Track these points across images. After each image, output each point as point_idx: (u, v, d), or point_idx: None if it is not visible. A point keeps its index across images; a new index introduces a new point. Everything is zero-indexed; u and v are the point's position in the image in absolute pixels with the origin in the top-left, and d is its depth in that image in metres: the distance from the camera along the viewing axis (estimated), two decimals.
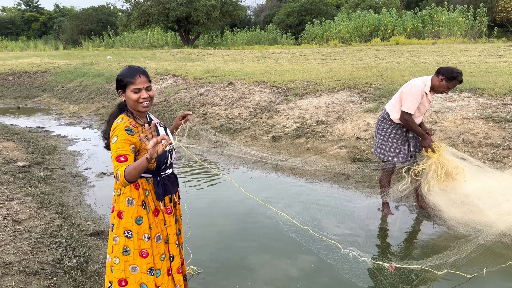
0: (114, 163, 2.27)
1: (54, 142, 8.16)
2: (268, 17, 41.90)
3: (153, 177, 2.48)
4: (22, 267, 3.20)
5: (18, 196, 4.74)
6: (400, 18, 24.63)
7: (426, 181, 4.06)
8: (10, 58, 21.96)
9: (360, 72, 10.23)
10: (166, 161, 2.50)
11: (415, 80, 4.16)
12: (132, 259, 2.41)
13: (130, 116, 2.43)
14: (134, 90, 2.38)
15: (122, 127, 2.32)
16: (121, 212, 2.42)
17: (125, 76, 2.39)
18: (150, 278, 2.44)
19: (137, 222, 2.41)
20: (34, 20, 53.52)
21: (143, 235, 2.42)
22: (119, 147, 2.28)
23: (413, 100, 4.03)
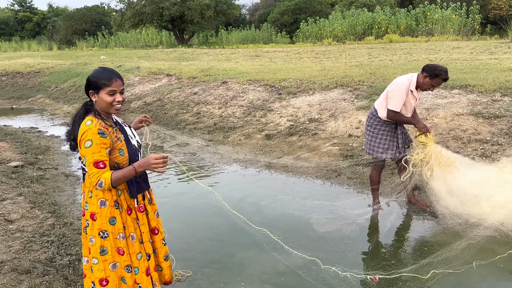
0: (92, 169, 2.29)
1: (47, 142, 8.15)
2: (263, 16, 41.89)
3: None
4: (14, 266, 3.23)
5: (10, 196, 4.75)
6: (394, 16, 24.72)
7: (428, 167, 4.07)
8: (4, 58, 21.86)
9: (353, 70, 10.29)
10: (137, 160, 2.51)
11: (400, 78, 4.21)
12: (111, 257, 2.44)
13: (99, 117, 2.40)
14: (110, 93, 2.37)
15: (95, 130, 2.30)
16: (94, 214, 2.42)
17: (100, 78, 2.37)
18: (128, 275, 2.48)
19: (111, 223, 2.42)
20: (28, 20, 53.22)
21: (118, 234, 2.44)
22: (96, 151, 2.28)
23: (398, 98, 4.08)
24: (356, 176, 5.50)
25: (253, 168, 6.29)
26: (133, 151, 2.49)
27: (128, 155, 2.44)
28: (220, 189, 5.52)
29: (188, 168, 6.44)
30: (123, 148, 2.42)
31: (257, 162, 6.46)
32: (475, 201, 3.88)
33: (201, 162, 6.75)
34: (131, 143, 2.51)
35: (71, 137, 2.47)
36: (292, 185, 5.56)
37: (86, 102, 2.48)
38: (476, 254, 3.47)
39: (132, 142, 2.53)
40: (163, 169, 2.32)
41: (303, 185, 5.54)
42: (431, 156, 4.07)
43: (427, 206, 4.53)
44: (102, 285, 2.45)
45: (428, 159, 4.09)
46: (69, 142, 2.50)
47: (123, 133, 2.50)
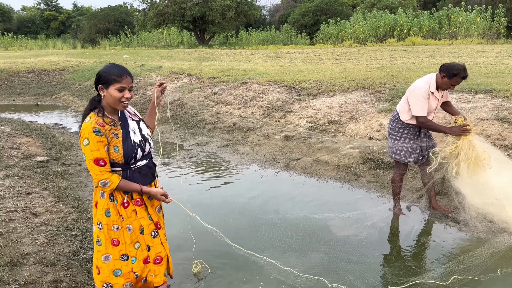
0: (93, 166, 2.39)
1: (71, 138, 8.33)
2: (283, 17, 41.89)
3: (122, 171, 2.53)
4: (40, 258, 3.31)
5: (36, 190, 4.87)
6: (417, 19, 24.38)
7: (455, 163, 3.92)
8: (30, 56, 22.42)
9: (375, 72, 10.19)
10: (134, 156, 2.53)
11: (418, 82, 4.15)
12: (104, 249, 2.54)
13: (100, 114, 2.44)
14: (119, 89, 2.40)
15: (90, 128, 2.36)
16: (97, 202, 2.56)
17: (111, 73, 2.40)
18: (124, 263, 2.56)
19: (106, 214, 2.52)
20: (53, 19, 54.50)
21: (112, 226, 2.53)
22: (94, 149, 2.37)
23: (419, 102, 4.01)
24: (376, 179, 5.45)
25: (271, 169, 6.29)
26: (130, 148, 2.50)
27: (123, 151, 2.47)
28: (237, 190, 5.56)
29: (207, 166, 6.49)
30: (118, 145, 2.46)
31: (276, 163, 6.47)
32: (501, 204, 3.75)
33: (219, 161, 6.79)
34: (130, 139, 2.51)
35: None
36: (311, 187, 5.55)
37: (94, 98, 2.51)
38: (502, 261, 3.39)
39: (133, 138, 2.53)
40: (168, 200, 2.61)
41: (321, 187, 5.52)
42: (461, 150, 3.89)
43: (449, 212, 4.46)
44: (98, 272, 2.59)
45: (457, 152, 3.92)
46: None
47: (124, 128, 2.52)
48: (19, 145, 7.04)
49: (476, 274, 3.25)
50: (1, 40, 38.98)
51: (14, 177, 5.20)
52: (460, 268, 3.34)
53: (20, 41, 39.34)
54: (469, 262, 3.38)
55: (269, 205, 4.91)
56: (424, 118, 4.05)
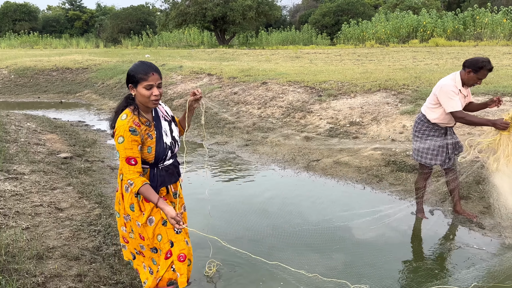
0: (124, 164, 2.42)
1: (94, 136, 8.49)
2: (304, 17, 41.74)
3: (150, 168, 2.55)
4: (64, 252, 3.38)
5: (60, 186, 4.98)
6: (440, 20, 23.97)
7: (494, 158, 3.74)
8: (54, 55, 22.93)
9: (397, 73, 10.05)
10: (164, 158, 2.57)
11: (443, 80, 4.07)
12: (136, 240, 2.65)
13: (135, 112, 2.45)
14: (146, 87, 2.40)
15: (126, 126, 2.38)
16: (123, 195, 2.60)
17: (138, 72, 2.41)
18: (155, 255, 2.66)
19: (131, 209, 2.57)
20: (77, 18, 55.61)
21: (136, 222, 2.58)
22: (128, 147, 2.39)
23: (451, 97, 3.92)
24: (399, 182, 5.37)
25: (291, 169, 6.27)
26: (162, 149, 2.52)
27: (155, 153, 2.50)
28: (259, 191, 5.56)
29: (227, 166, 6.52)
30: (151, 146, 2.48)
31: (296, 164, 6.45)
32: None
33: (239, 161, 6.81)
34: (162, 141, 2.54)
35: (113, 125, 2.55)
36: (331, 188, 5.51)
37: (129, 95, 2.53)
38: None
39: (165, 140, 2.56)
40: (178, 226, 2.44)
41: (342, 189, 5.48)
42: (500, 145, 3.73)
43: (474, 216, 4.36)
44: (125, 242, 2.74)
45: (496, 147, 3.76)
46: (112, 130, 2.58)
47: (157, 129, 2.53)
48: (44, 141, 7.21)
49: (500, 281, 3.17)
50: (27, 38, 40.02)
51: (40, 172, 5.32)
52: (483, 274, 3.26)
53: (45, 40, 40.31)
54: (493, 268, 3.30)
55: (288, 205, 4.89)
56: (461, 113, 3.93)
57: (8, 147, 6.21)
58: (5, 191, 4.41)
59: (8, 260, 3.06)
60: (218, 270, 3.41)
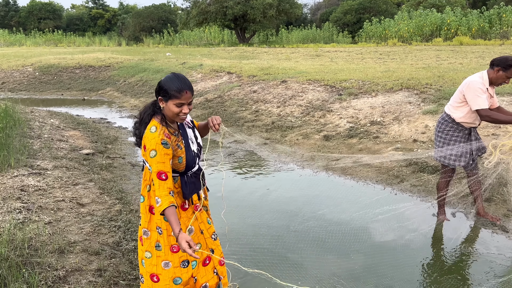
0: (155, 179, 2.30)
1: (115, 133, 8.62)
2: (325, 15, 41.41)
3: (180, 177, 2.49)
4: (85, 247, 3.44)
5: (82, 182, 5.07)
6: (465, 18, 23.43)
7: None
8: (78, 52, 23.40)
9: (420, 72, 9.87)
10: (193, 165, 2.53)
11: (470, 77, 3.97)
12: (164, 255, 2.45)
13: (164, 124, 2.39)
14: (178, 104, 2.32)
15: (158, 140, 2.31)
16: (153, 207, 2.46)
17: (171, 88, 2.31)
18: (184, 270, 2.48)
19: (165, 219, 2.43)
20: (100, 17, 56.56)
21: (172, 232, 2.40)
22: (160, 161, 2.30)
23: (479, 95, 3.82)
24: (420, 183, 5.27)
25: (310, 169, 6.23)
26: (191, 158, 2.49)
27: (186, 162, 2.46)
28: (274, 189, 5.55)
29: (246, 164, 6.52)
30: (182, 156, 2.44)
31: (315, 163, 6.40)
32: None
33: (258, 160, 6.80)
34: (191, 150, 2.50)
35: (137, 133, 2.47)
36: (350, 188, 5.45)
37: (155, 102, 2.45)
38: None
39: (192, 148, 2.52)
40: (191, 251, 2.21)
41: (362, 190, 5.41)
42: None
43: (497, 219, 4.24)
44: (153, 280, 2.47)
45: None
46: (135, 138, 2.51)
47: (184, 138, 2.49)
48: (67, 137, 7.36)
49: None
50: (51, 36, 40.98)
51: (62, 168, 5.44)
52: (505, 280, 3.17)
53: (69, 38, 41.18)
54: None
55: (307, 205, 4.86)
56: (487, 111, 3.84)
57: (32, 143, 6.36)
58: (29, 186, 4.52)
59: (31, 254, 3.14)
60: None
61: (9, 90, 16.23)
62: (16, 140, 6.18)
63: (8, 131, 6.35)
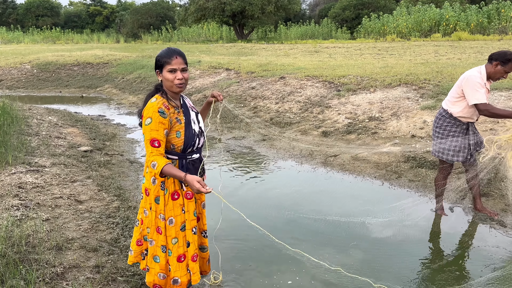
0: (148, 147, 2.38)
1: (114, 129, 8.60)
2: (324, 11, 41.33)
3: (178, 160, 2.53)
4: (83, 244, 3.44)
5: (80, 178, 5.06)
6: (464, 13, 23.39)
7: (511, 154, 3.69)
8: (76, 49, 23.33)
9: (419, 68, 9.86)
10: (193, 145, 2.54)
11: (469, 71, 3.97)
12: (150, 235, 2.59)
13: (164, 96, 2.47)
14: (170, 70, 2.42)
15: (155, 108, 2.38)
16: (147, 189, 2.56)
17: (162, 56, 2.43)
18: (162, 254, 2.59)
19: (156, 201, 2.54)
20: (98, 14, 56.43)
21: (159, 214, 2.55)
22: (154, 129, 2.36)
23: (476, 89, 3.82)
24: (418, 178, 5.27)
25: (308, 164, 6.23)
26: (191, 135, 2.51)
27: (184, 138, 2.48)
28: (274, 187, 5.55)
29: (244, 160, 6.52)
30: (180, 131, 2.46)
31: (313, 159, 6.40)
32: None
33: (256, 156, 6.80)
34: (191, 128, 2.53)
35: (141, 115, 2.53)
36: (349, 184, 5.45)
37: (157, 83, 2.56)
38: None
39: (193, 127, 2.55)
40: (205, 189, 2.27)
41: (360, 185, 5.41)
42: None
43: (495, 214, 4.25)
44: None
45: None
46: (140, 119, 2.56)
47: (186, 115, 2.53)
48: (65, 135, 7.34)
49: None
50: (49, 34, 40.85)
51: (60, 165, 5.42)
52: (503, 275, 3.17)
53: (67, 35, 41.09)
54: None
55: (305, 200, 4.86)
56: (485, 105, 3.83)
57: (30, 140, 6.35)
58: (27, 183, 4.51)
59: (29, 251, 3.14)
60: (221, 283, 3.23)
61: (7, 88, 16.18)
62: (14, 138, 6.17)
63: (6, 128, 6.34)
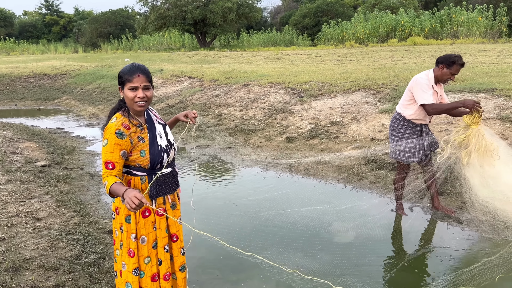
0: (103, 168, 2.28)
1: (73, 142, 8.35)
2: (284, 19, 41.94)
3: (147, 176, 2.42)
4: (42, 263, 3.31)
5: (38, 195, 4.88)
6: (418, 19, 24.38)
7: (466, 152, 3.79)
8: (31, 61, 22.50)
9: (376, 72, 10.18)
10: (160, 161, 2.43)
11: (417, 75, 4.17)
12: (122, 256, 2.45)
13: (126, 115, 2.37)
14: (131, 88, 2.32)
15: (113, 129, 2.28)
16: (118, 208, 2.44)
17: (125, 73, 2.35)
18: (135, 278, 2.44)
19: (126, 221, 2.41)
20: (55, 23, 54.72)
21: (131, 235, 2.41)
22: (109, 151, 2.27)
23: (424, 90, 4.01)
24: (378, 180, 5.43)
25: (273, 170, 6.28)
26: (157, 152, 2.40)
27: (150, 156, 2.37)
28: (240, 193, 5.55)
29: (209, 169, 6.49)
30: (145, 149, 2.36)
31: (278, 165, 6.46)
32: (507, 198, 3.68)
33: (222, 164, 6.79)
34: (156, 144, 2.42)
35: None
36: (313, 188, 5.53)
37: (121, 99, 2.46)
38: (504, 265, 3.35)
39: (159, 142, 2.44)
40: (131, 208, 2.04)
41: (323, 188, 5.51)
42: (471, 140, 3.80)
43: (452, 212, 4.44)
44: (120, 275, 2.50)
45: (468, 142, 3.82)
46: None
47: (150, 131, 2.43)
48: (21, 149, 7.06)
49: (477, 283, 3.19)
50: (3, 45, 39.17)
51: (16, 181, 5.21)
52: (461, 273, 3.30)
53: (22, 46, 39.52)
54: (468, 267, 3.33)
55: (271, 206, 4.89)
56: (431, 105, 3.99)
57: None
58: None
59: None
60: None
61: None
62: None
63: None
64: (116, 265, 2.55)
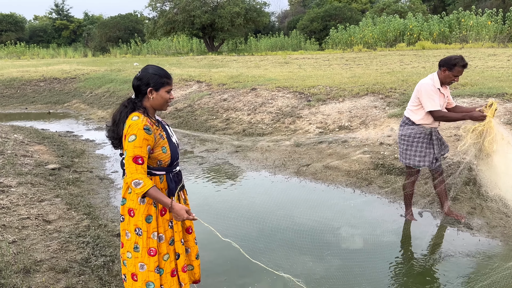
0: (130, 164, 2.32)
1: (82, 146, 8.42)
2: (292, 23, 41.96)
3: (166, 175, 2.54)
4: (52, 265, 3.34)
5: (48, 198, 4.92)
6: (427, 23, 24.27)
7: (489, 140, 3.76)
8: (42, 65, 22.76)
9: (385, 77, 10.15)
10: (177, 158, 2.59)
11: (422, 80, 4.18)
12: (141, 257, 2.47)
13: (145, 115, 2.45)
14: (168, 91, 2.50)
15: (141, 125, 2.35)
16: (132, 210, 2.47)
17: (163, 75, 2.48)
18: (157, 276, 2.50)
19: (147, 221, 2.47)
20: (64, 28, 55.28)
21: (152, 234, 2.48)
22: (137, 146, 2.33)
23: (431, 96, 4.00)
24: (388, 185, 5.40)
25: (281, 175, 6.28)
26: (174, 148, 2.54)
27: (170, 152, 2.50)
28: (249, 196, 5.56)
29: (218, 173, 6.51)
30: (165, 146, 2.47)
31: (286, 169, 6.46)
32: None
33: (230, 168, 6.80)
34: (172, 141, 2.56)
35: (114, 135, 2.50)
36: (321, 192, 5.52)
37: (131, 100, 2.51)
38: None
39: (173, 140, 2.59)
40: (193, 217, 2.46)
41: (332, 192, 5.49)
42: (492, 127, 3.77)
43: (462, 217, 4.40)
44: (134, 279, 2.51)
45: (487, 130, 3.80)
46: (112, 140, 2.54)
47: (164, 130, 2.56)
48: (31, 153, 7.13)
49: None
50: (13, 49, 39.66)
51: (27, 184, 5.26)
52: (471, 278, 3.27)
53: (32, 50, 39.97)
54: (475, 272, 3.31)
55: (279, 210, 4.89)
56: (439, 112, 4.01)
57: None
58: None
59: None
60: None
61: None
62: None
63: None
64: (124, 269, 2.57)
